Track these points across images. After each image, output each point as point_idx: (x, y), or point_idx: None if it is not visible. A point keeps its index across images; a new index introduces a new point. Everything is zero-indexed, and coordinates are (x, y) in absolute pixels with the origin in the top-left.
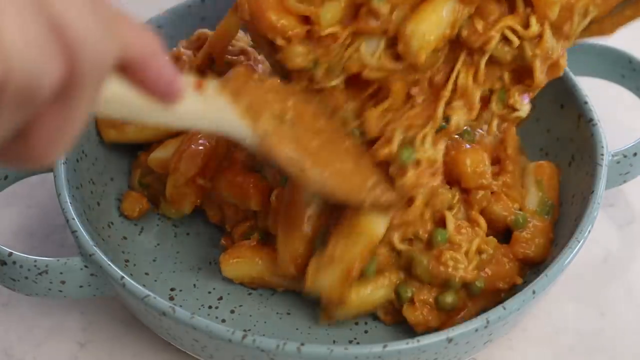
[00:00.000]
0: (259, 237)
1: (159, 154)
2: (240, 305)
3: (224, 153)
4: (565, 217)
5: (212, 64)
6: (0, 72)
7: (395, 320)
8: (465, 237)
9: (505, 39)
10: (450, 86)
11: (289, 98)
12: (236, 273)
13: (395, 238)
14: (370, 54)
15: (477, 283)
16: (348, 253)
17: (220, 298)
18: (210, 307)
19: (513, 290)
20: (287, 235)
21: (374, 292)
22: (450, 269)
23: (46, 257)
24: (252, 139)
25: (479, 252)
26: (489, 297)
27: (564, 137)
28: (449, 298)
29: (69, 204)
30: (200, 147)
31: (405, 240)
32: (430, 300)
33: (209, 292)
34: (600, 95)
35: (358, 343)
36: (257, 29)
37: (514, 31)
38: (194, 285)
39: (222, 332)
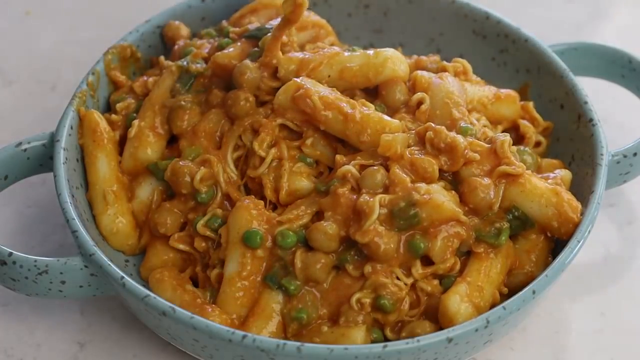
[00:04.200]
0: None
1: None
2: None
3: None
4: None
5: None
6: None
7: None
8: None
9: None
10: None
11: None
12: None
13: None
14: None
15: None
16: None
17: None
18: None
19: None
20: None
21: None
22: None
23: (46, 257)
24: None
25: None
26: None
27: (564, 137)
28: None
29: (69, 204)
30: None
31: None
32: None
33: None
34: (600, 95)
35: None
36: None
37: None
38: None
39: (222, 332)
